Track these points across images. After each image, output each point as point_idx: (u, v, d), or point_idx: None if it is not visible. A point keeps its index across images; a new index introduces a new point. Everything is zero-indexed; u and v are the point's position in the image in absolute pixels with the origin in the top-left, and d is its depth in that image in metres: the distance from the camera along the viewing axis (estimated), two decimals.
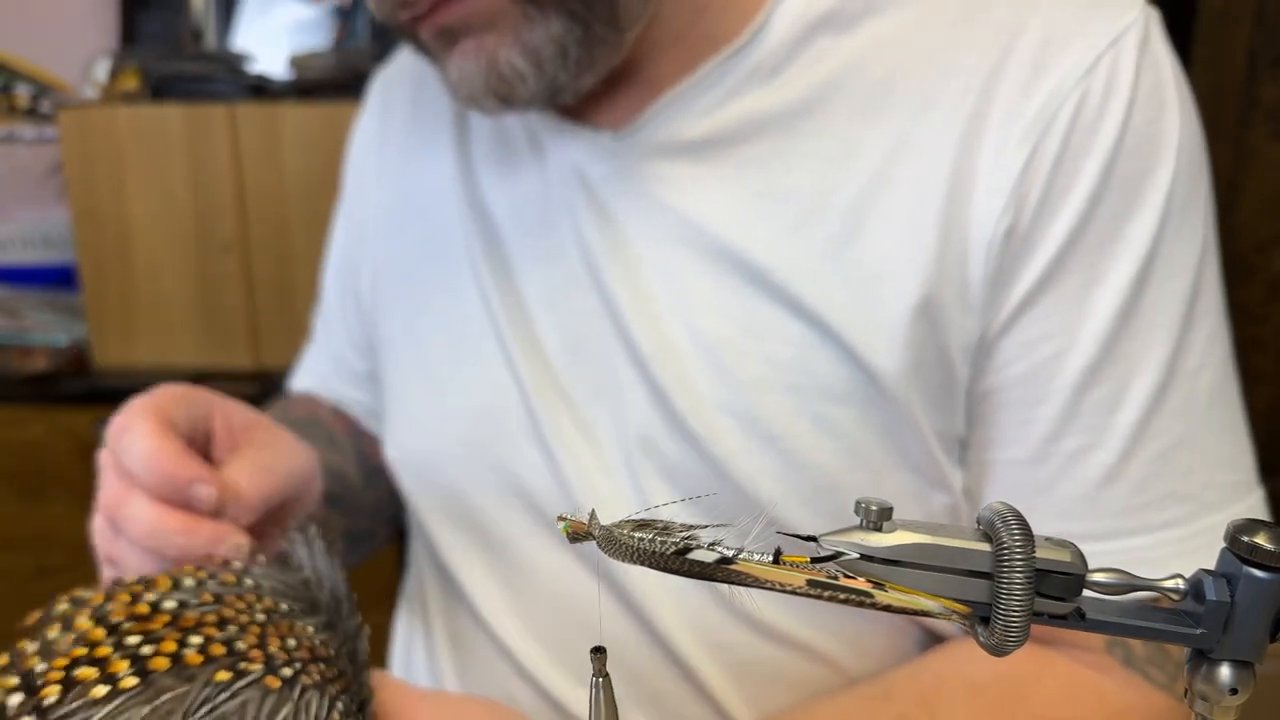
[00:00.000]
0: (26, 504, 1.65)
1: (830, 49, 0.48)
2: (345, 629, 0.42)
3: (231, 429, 0.50)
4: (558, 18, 0.45)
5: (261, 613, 0.39)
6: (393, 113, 0.65)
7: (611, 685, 0.25)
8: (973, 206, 0.45)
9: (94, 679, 0.34)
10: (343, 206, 0.70)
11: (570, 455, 0.52)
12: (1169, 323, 0.45)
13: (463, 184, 0.58)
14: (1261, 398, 1.74)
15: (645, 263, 0.50)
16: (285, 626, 0.39)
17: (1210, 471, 0.46)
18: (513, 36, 0.46)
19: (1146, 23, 0.46)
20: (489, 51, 0.46)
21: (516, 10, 0.45)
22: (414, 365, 0.60)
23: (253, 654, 0.37)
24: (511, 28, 0.46)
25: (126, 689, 0.34)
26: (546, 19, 0.45)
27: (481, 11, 0.46)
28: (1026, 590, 0.21)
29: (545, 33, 0.46)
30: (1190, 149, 0.46)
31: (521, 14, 0.45)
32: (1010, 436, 0.48)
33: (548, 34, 0.46)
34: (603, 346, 0.52)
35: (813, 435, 0.47)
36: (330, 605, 0.43)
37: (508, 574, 0.56)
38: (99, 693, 0.34)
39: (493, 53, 0.46)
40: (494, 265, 0.56)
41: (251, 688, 0.36)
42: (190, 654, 0.36)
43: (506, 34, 0.46)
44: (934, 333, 0.46)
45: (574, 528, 0.23)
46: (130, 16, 1.93)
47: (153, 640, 0.36)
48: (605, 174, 0.52)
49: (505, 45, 0.46)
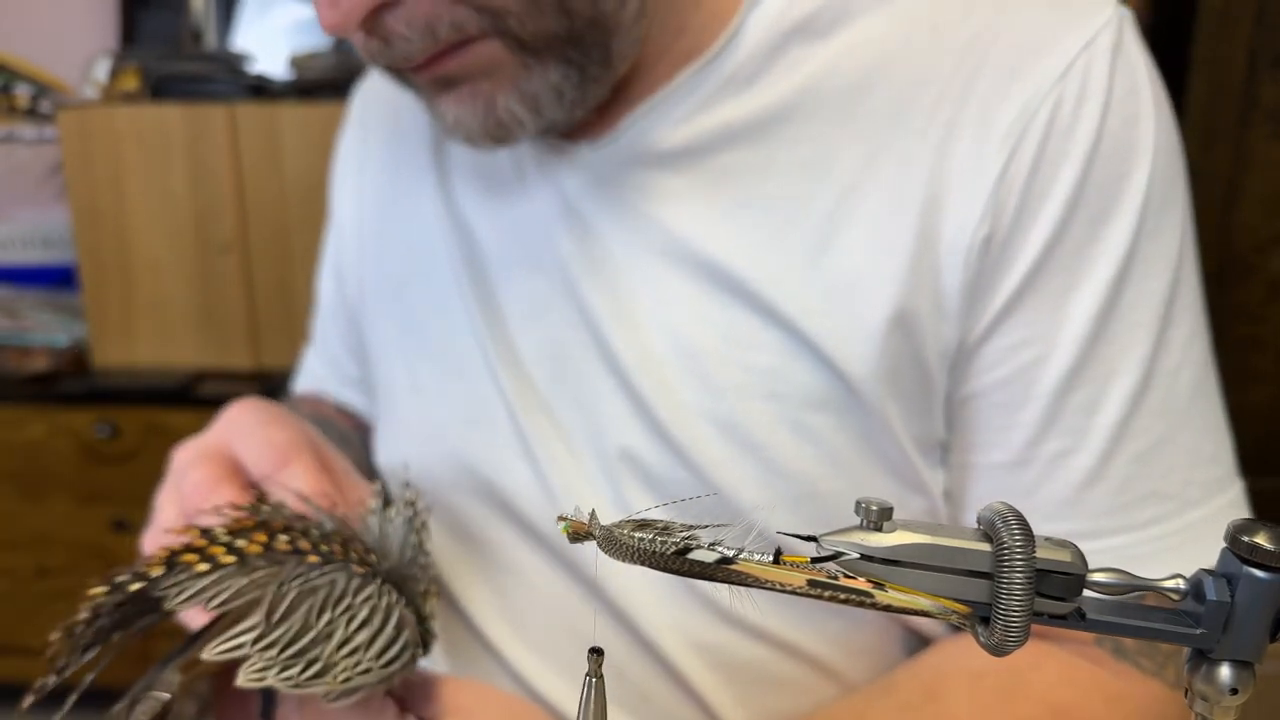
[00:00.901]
0: (26, 504, 1.65)
1: (804, 57, 0.48)
2: (409, 593, 0.44)
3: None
4: (555, 65, 0.45)
5: (339, 540, 0.42)
6: (371, 129, 0.65)
7: (604, 686, 0.25)
8: (949, 214, 0.45)
9: (195, 560, 0.38)
10: (331, 217, 0.70)
11: (554, 465, 0.52)
12: (1148, 323, 0.46)
13: (444, 200, 0.58)
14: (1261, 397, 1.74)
15: (623, 272, 0.51)
16: (361, 549, 0.42)
17: (1191, 469, 0.47)
18: (511, 85, 0.45)
19: (1119, 25, 0.46)
20: (486, 98, 0.46)
21: (515, 61, 0.45)
22: (402, 377, 0.60)
23: (337, 552, 0.40)
24: (510, 77, 0.45)
25: (225, 565, 0.38)
26: (545, 68, 0.45)
27: (479, 62, 0.45)
28: (1027, 590, 0.21)
29: (544, 81, 0.45)
30: (1166, 149, 0.46)
31: (520, 64, 0.45)
32: (992, 441, 0.48)
33: (545, 81, 0.45)
34: (583, 356, 0.52)
35: (793, 443, 0.48)
36: (395, 572, 0.44)
37: (496, 579, 0.56)
38: (201, 567, 0.38)
39: (490, 99, 0.46)
40: (476, 278, 0.56)
41: (339, 570, 0.40)
42: (281, 543, 0.40)
43: (504, 82, 0.45)
44: (910, 340, 0.46)
45: (575, 528, 0.23)
46: (130, 16, 1.93)
47: (245, 535, 0.40)
48: (582, 186, 0.52)
49: (503, 93, 0.46)
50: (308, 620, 0.38)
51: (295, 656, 0.37)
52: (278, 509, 0.43)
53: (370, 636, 0.38)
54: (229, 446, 0.47)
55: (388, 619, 0.40)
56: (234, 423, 0.48)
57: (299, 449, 0.46)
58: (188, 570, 0.38)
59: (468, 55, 0.45)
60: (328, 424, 0.67)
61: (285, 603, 0.38)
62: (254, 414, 0.48)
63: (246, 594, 0.38)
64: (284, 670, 0.36)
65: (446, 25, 0.43)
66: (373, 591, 0.40)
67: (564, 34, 0.44)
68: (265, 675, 0.36)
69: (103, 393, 1.60)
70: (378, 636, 0.39)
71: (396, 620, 0.40)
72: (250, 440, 0.46)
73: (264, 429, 0.47)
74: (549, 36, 0.44)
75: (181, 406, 1.57)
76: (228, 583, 0.38)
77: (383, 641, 0.39)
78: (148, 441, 1.58)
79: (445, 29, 0.43)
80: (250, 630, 0.37)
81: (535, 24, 0.43)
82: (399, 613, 0.40)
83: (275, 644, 0.37)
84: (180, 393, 1.58)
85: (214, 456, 0.46)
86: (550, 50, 0.44)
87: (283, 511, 0.43)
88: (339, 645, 0.38)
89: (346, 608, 0.39)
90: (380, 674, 0.38)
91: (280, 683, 0.36)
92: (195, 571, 0.38)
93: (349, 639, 0.38)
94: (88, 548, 1.64)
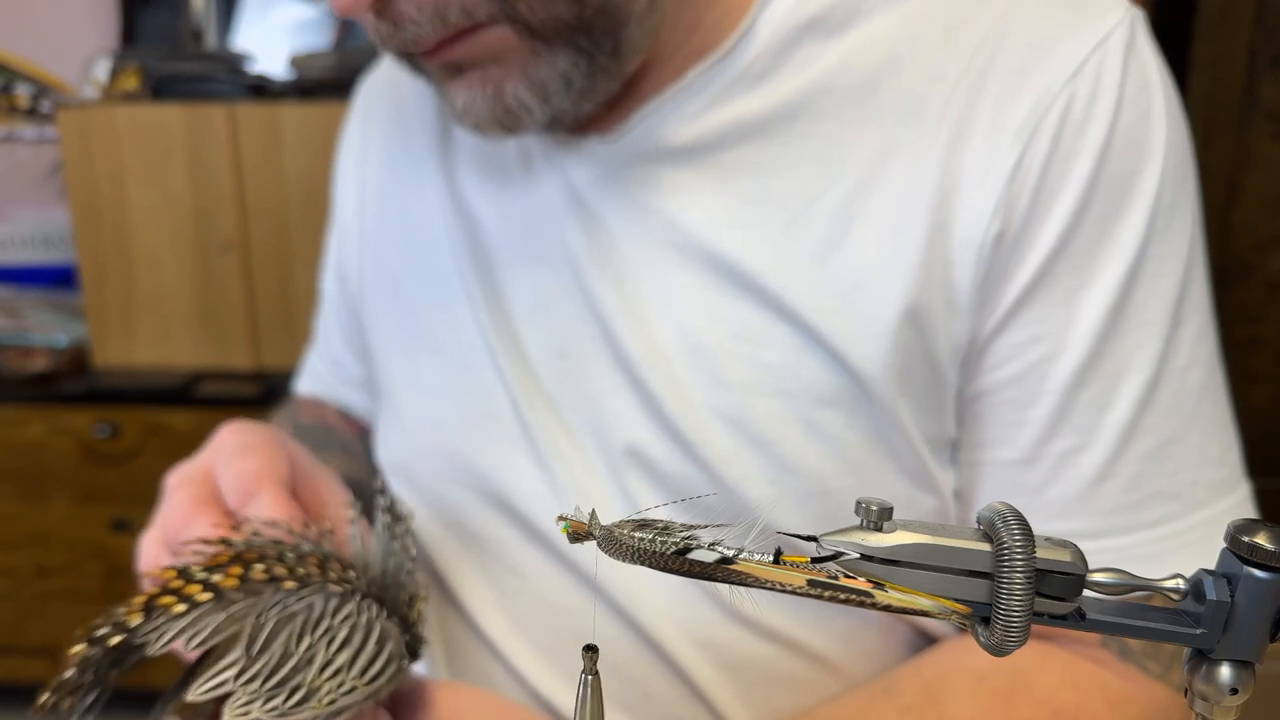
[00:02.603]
0: (26, 504, 1.65)
1: (817, 54, 0.48)
2: (392, 602, 0.44)
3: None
4: (564, 53, 0.45)
5: (315, 561, 0.42)
6: (372, 123, 0.65)
7: (600, 684, 0.25)
8: (960, 211, 0.45)
9: (172, 602, 0.38)
10: (333, 215, 0.70)
11: (558, 460, 0.52)
12: (1158, 322, 0.46)
13: (448, 191, 0.58)
14: (1261, 398, 1.74)
15: (633, 267, 0.50)
16: (339, 567, 0.42)
17: (1199, 468, 0.47)
18: (519, 71, 0.46)
19: (1131, 24, 0.46)
20: (495, 84, 0.46)
21: (524, 47, 0.45)
22: (403, 372, 0.60)
23: (314, 574, 0.41)
24: (519, 63, 0.46)
25: (202, 603, 0.38)
26: (554, 54, 0.45)
27: (489, 48, 0.45)
28: (1027, 590, 0.21)
29: (552, 68, 0.45)
30: (1177, 148, 0.46)
31: (529, 50, 0.45)
32: (1002, 438, 0.48)
33: (554, 69, 0.46)
34: (589, 351, 0.52)
35: (802, 439, 0.48)
36: (376, 582, 0.44)
37: (496, 575, 0.56)
38: (179, 609, 0.38)
39: (499, 86, 0.46)
40: (481, 272, 0.56)
41: (317, 594, 0.40)
42: (257, 573, 0.40)
43: (513, 69, 0.46)
44: (921, 337, 0.46)
45: (575, 527, 0.23)
46: (130, 16, 1.93)
47: (220, 570, 0.40)
48: (592, 179, 0.52)
49: (512, 79, 0.46)
50: (287, 648, 0.38)
51: (278, 686, 0.37)
52: (253, 537, 0.43)
53: (352, 655, 0.39)
54: (212, 471, 0.47)
55: (368, 635, 0.40)
56: (218, 447, 0.48)
57: (265, 480, 0.45)
58: (165, 613, 0.38)
59: (477, 41, 0.45)
60: (328, 432, 0.67)
61: (264, 633, 0.38)
62: (234, 439, 0.48)
63: (225, 629, 0.38)
64: (268, 702, 0.37)
65: (456, 10, 0.43)
66: (351, 610, 0.40)
67: (574, 21, 0.44)
68: (250, 709, 0.36)
69: (103, 393, 1.60)
70: (359, 654, 0.39)
71: (378, 635, 0.40)
72: (223, 469, 0.46)
73: (237, 459, 0.46)
74: (558, 23, 0.44)
75: (181, 406, 1.56)
76: (206, 620, 0.38)
77: (365, 659, 0.39)
78: (148, 441, 1.58)
79: (455, 14, 0.43)
80: (232, 666, 0.37)
81: (545, 10, 0.43)
82: (380, 627, 0.41)
83: (257, 676, 0.37)
84: (180, 393, 1.58)
85: (196, 480, 0.46)
86: (560, 37, 0.44)
87: (257, 540, 0.42)
88: (320, 668, 0.38)
89: (326, 630, 0.39)
90: (365, 690, 0.39)
91: (266, 714, 0.36)
92: (172, 614, 0.38)
93: (330, 661, 0.38)
94: (88, 548, 1.64)
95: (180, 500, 0.45)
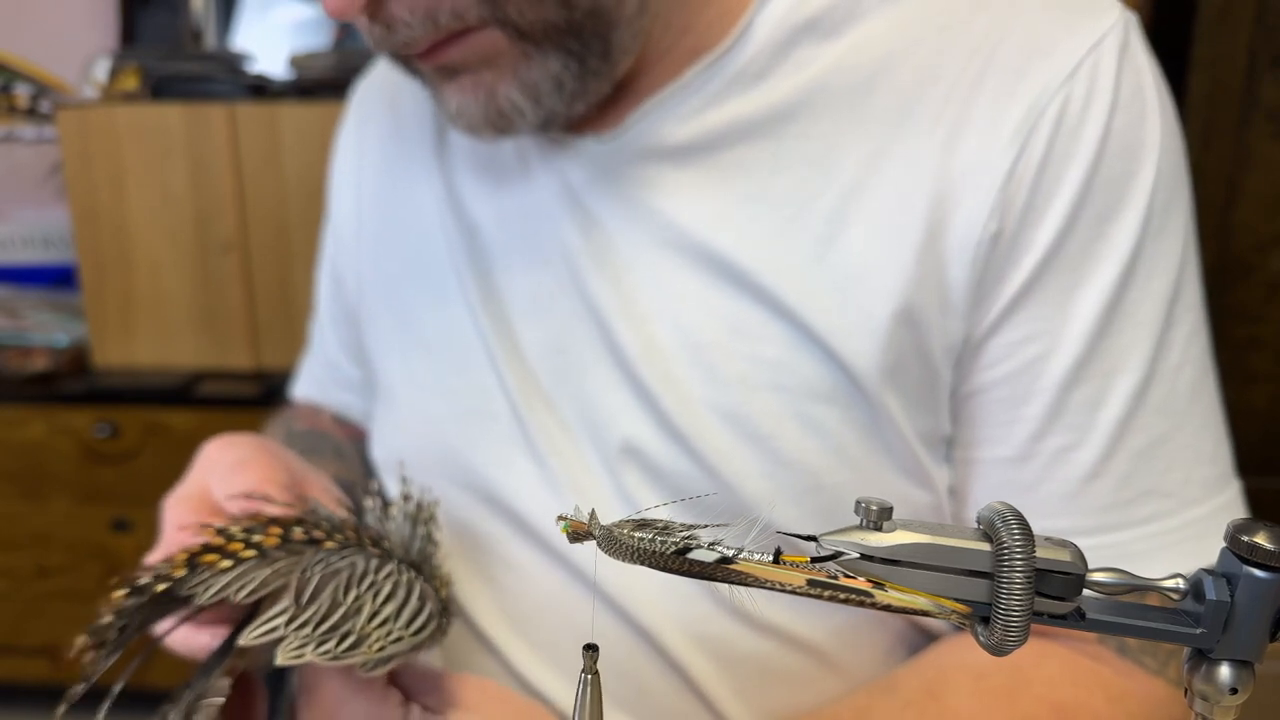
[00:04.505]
0: (26, 504, 1.65)
1: (813, 55, 0.48)
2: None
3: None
4: (555, 55, 0.46)
5: (351, 528, 0.43)
6: (368, 125, 0.65)
7: (600, 683, 0.25)
8: (956, 211, 0.46)
9: (215, 559, 0.40)
10: (329, 217, 0.70)
11: (556, 457, 0.53)
12: (1151, 321, 0.46)
13: (445, 191, 0.58)
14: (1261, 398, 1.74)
15: (629, 265, 0.51)
16: (373, 534, 0.43)
17: (1191, 467, 0.47)
18: (511, 74, 0.46)
19: (1126, 27, 0.47)
20: (488, 87, 0.47)
21: (515, 50, 0.46)
22: (401, 372, 0.60)
23: (351, 537, 0.42)
24: (510, 66, 0.46)
25: (246, 559, 0.40)
26: (545, 57, 0.46)
27: (480, 51, 0.46)
28: (1026, 590, 0.21)
29: (543, 70, 0.46)
30: (1171, 150, 0.47)
31: (520, 53, 0.46)
32: (996, 436, 0.48)
33: (546, 71, 0.46)
34: (587, 349, 0.52)
35: (798, 435, 0.48)
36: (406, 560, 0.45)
37: (493, 572, 0.56)
38: (224, 564, 0.39)
39: (492, 89, 0.47)
40: (478, 272, 0.56)
41: (357, 553, 0.42)
42: (297, 534, 0.41)
43: (505, 71, 0.46)
44: (915, 335, 0.47)
45: (574, 527, 0.23)
46: (130, 16, 1.93)
47: (260, 530, 0.41)
48: (589, 179, 0.52)
49: (504, 82, 0.47)
50: (335, 598, 0.39)
51: (330, 631, 0.38)
52: (286, 509, 0.44)
53: (397, 608, 0.40)
54: (208, 488, 0.47)
55: (410, 592, 0.41)
56: (210, 465, 0.48)
57: (271, 491, 0.46)
58: (210, 568, 0.39)
59: (469, 44, 0.45)
60: (321, 437, 0.67)
61: (311, 585, 0.39)
62: (226, 455, 0.48)
63: (271, 583, 0.39)
64: (320, 645, 0.38)
65: (447, 13, 0.44)
66: (393, 569, 0.41)
67: (563, 24, 0.44)
68: (304, 652, 0.37)
69: (103, 393, 1.60)
70: (404, 608, 0.40)
71: (420, 592, 0.41)
72: (221, 486, 0.47)
73: (235, 475, 0.46)
74: (548, 26, 0.44)
75: (181, 406, 1.56)
76: (252, 574, 0.39)
77: (409, 612, 0.40)
78: (148, 441, 1.58)
79: (446, 16, 0.44)
80: (282, 613, 0.38)
81: (534, 13, 0.44)
82: (420, 586, 0.42)
83: (308, 623, 0.38)
84: (180, 392, 1.58)
85: (194, 498, 0.47)
86: (550, 40, 0.45)
87: (292, 512, 0.44)
88: (369, 618, 0.39)
89: (371, 584, 0.40)
90: (412, 641, 0.40)
91: (319, 656, 0.37)
92: (218, 568, 0.39)
93: (378, 611, 0.39)
94: (87, 547, 1.64)
95: (179, 515, 0.46)
